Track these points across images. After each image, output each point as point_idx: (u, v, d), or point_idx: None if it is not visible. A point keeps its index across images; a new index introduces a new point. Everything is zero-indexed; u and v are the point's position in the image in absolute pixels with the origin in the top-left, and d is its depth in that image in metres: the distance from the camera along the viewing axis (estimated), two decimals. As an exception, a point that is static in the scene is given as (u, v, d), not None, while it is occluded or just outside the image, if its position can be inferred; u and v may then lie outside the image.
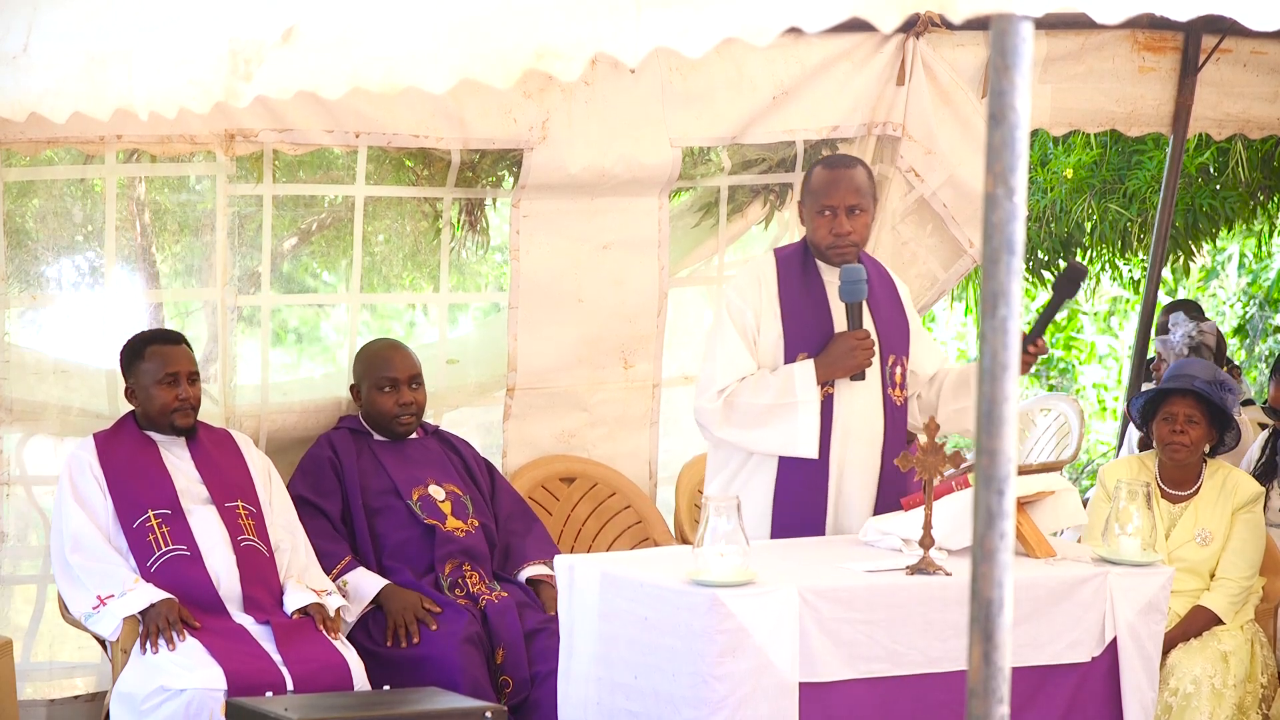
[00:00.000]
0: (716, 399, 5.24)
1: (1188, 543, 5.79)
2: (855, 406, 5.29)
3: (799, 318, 5.28)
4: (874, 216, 5.42)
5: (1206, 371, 5.88)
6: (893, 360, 5.37)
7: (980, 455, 2.58)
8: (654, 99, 6.32)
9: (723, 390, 5.24)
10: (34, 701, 5.83)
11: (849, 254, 5.27)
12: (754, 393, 5.21)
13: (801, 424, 5.20)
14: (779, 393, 5.20)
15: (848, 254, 5.27)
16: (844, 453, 5.28)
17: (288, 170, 6.09)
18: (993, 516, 2.58)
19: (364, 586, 5.61)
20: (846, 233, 5.25)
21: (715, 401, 5.24)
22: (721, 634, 4.42)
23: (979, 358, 2.58)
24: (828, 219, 5.26)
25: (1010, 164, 2.55)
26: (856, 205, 5.25)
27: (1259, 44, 7.21)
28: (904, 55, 6.60)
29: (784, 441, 5.23)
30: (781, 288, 5.32)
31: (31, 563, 5.92)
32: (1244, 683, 5.65)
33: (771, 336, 5.28)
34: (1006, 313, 2.56)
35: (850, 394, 5.27)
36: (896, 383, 5.37)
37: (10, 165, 5.65)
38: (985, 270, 2.57)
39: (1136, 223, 8.88)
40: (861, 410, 5.29)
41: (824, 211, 5.26)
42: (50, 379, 5.83)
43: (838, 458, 5.28)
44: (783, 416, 5.20)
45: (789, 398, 5.19)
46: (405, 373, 5.89)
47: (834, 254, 5.28)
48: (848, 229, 5.25)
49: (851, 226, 5.25)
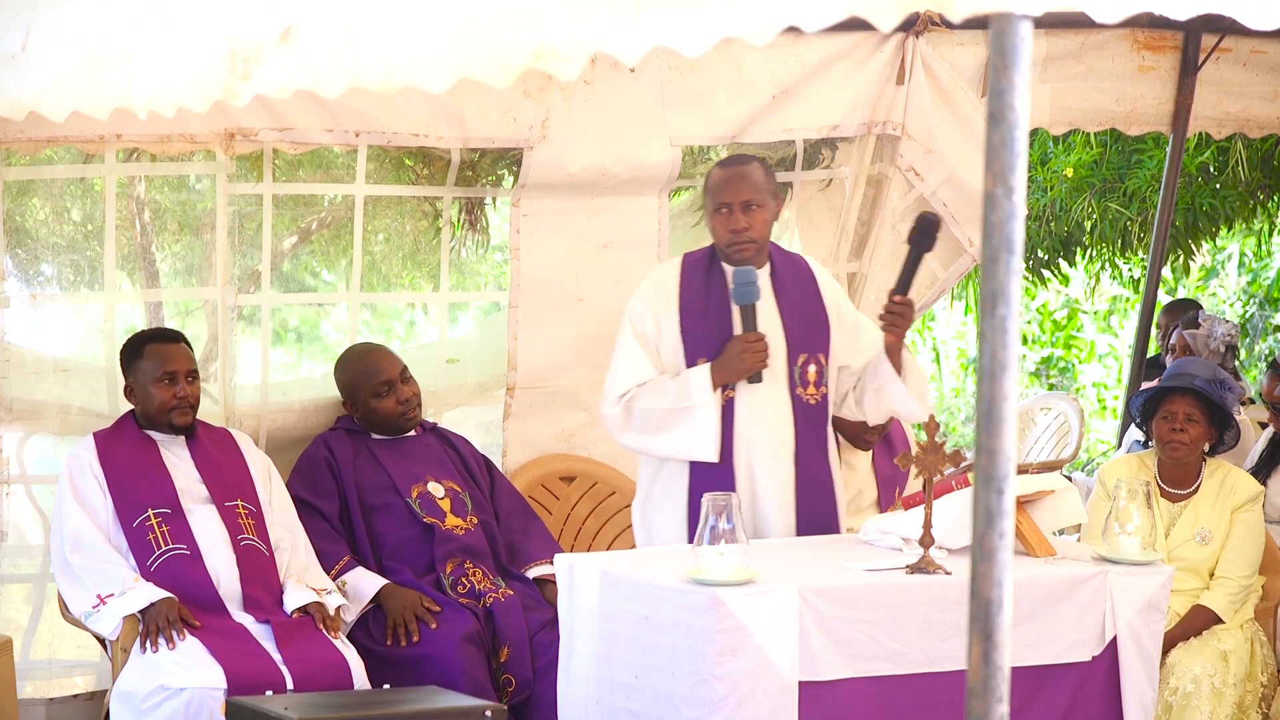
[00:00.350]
0: (616, 404, 5.23)
1: (1187, 542, 5.79)
2: (759, 409, 5.22)
3: (697, 322, 5.24)
4: (776, 214, 5.33)
5: (1206, 370, 5.88)
6: (804, 359, 5.29)
7: (980, 455, 2.58)
8: (654, 98, 6.32)
9: (622, 395, 5.23)
10: (34, 700, 5.83)
11: (748, 251, 5.21)
12: (652, 398, 5.20)
13: (699, 428, 5.16)
14: (676, 397, 5.17)
15: (746, 251, 5.21)
16: (750, 457, 5.21)
17: (288, 169, 6.09)
18: (992, 516, 2.58)
19: (363, 586, 5.61)
20: (743, 228, 5.19)
21: (615, 407, 5.23)
22: (721, 633, 4.42)
23: (979, 357, 2.58)
24: (724, 216, 5.21)
25: (1010, 163, 2.55)
26: (751, 200, 5.20)
27: (1259, 43, 7.21)
28: (903, 54, 6.60)
29: (683, 446, 5.19)
30: (683, 292, 5.29)
31: (31, 562, 5.92)
32: (1244, 682, 5.66)
33: (671, 341, 5.25)
34: (1006, 312, 2.56)
35: (752, 397, 5.21)
36: (810, 381, 5.29)
37: (10, 165, 5.65)
38: (984, 269, 2.57)
39: (1136, 222, 8.88)
40: (766, 413, 5.23)
41: (720, 210, 5.22)
42: (50, 379, 5.83)
43: (744, 462, 5.21)
44: (681, 421, 5.17)
45: (685, 402, 5.16)
46: (394, 370, 5.90)
47: (733, 252, 5.22)
48: (743, 224, 5.19)
49: (748, 222, 5.19)
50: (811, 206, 6.90)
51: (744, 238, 5.21)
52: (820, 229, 6.92)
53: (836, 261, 6.91)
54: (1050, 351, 13.30)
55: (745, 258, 5.22)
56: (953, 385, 13.17)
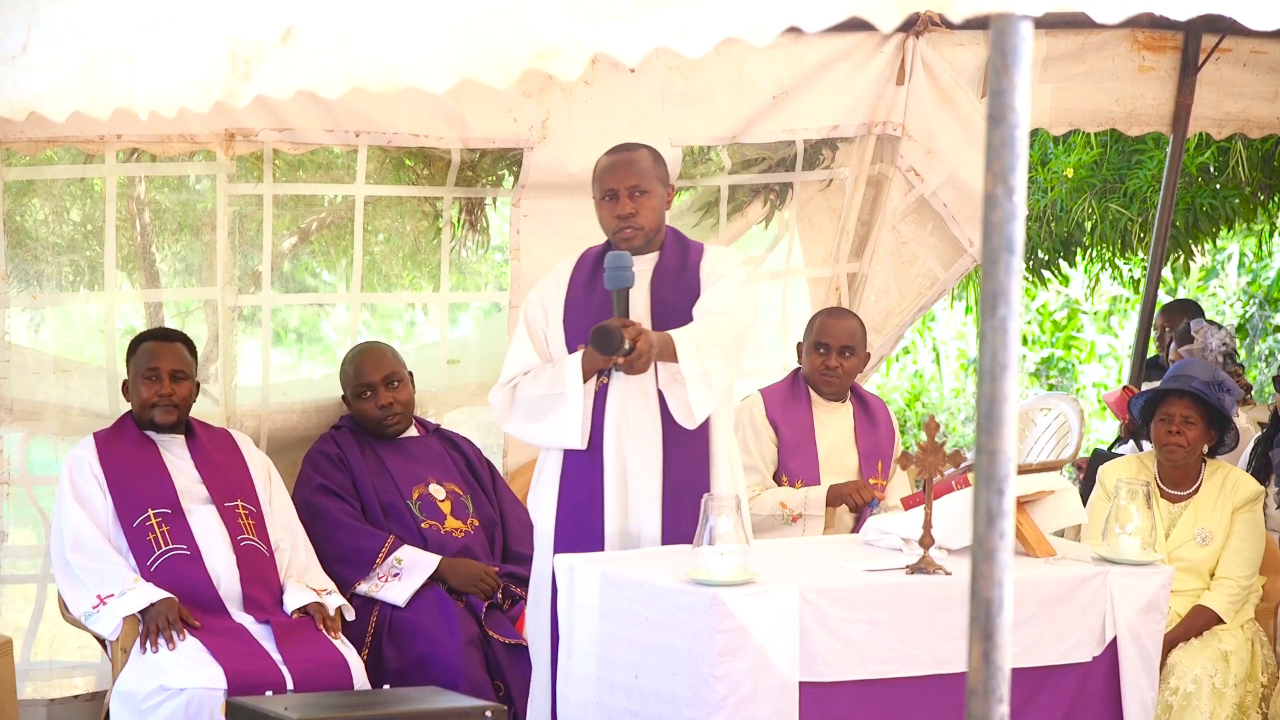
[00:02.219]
0: (500, 391, 5.22)
1: (1187, 542, 5.80)
2: (631, 396, 5.13)
3: (579, 309, 5.19)
4: (666, 202, 5.24)
5: (1205, 372, 5.88)
6: None
7: (980, 455, 2.58)
8: (654, 99, 6.32)
9: (507, 383, 5.22)
10: (34, 701, 5.83)
11: (635, 239, 5.13)
12: (531, 385, 5.18)
13: (568, 414, 5.09)
14: (550, 384, 5.12)
15: (635, 239, 5.13)
16: (620, 443, 5.12)
17: (288, 170, 6.09)
18: (993, 516, 2.58)
19: (420, 561, 5.62)
20: (630, 214, 5.11)
21: (499, 394, 5.22)
22: (721, 634, 4.42)
23: (979, 358, 2.58)
24: (611, 203, 5.14)
25: (1010, 163, 2.55)
26: (638, 186, 5.12)
27: (1259, 43, 7.21)
28: (904, 55, 6.60)
29: (555, 433, 5.13)
30: (572, 281, 5.25)
31: (31, 562, 5.92)
32: (1244, 682, 5.66)
33: (555, 329, 5.22)
34: (1006, 312, 2.56)
35: (624, 384, 5.12)
36: None
37: (10, 165, 5.65)
38: (985, 270, 2.57)
39: (1136, 222, 8.88)
40: (637, 400, 5.13)
41: (606, 196, 5.15)
42: (50, 379, 5.83)
43: (614, 449, 5.12)
44: (553, 408, 5.12)
45: (558, 388, 5.10)
46: (378, 374, 5.88)
47: (620, 240, 5.15)
48: (630, 209, 5.11)
49: (634, 208, 5.11)
50: (811, 207, 6.90)
51: (631, 224, 5.12)
52: (820, 229, 6.92)
53: (837, 262, 6.91)
54: (1050, 352, 13.30)
55: (633, 246, 5.13)
56: (953, 385, 13.17)
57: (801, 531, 5.68)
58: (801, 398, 5.90)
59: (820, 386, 5.88)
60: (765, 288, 7.00)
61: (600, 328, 4.84)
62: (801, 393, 5.91)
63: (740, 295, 5.16)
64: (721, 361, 5.02)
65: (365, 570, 5.65)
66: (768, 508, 5.70)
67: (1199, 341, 7.48)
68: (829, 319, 5.94)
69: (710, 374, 5.00)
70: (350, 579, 5.65)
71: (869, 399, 6.05)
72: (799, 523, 5.67)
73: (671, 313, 5.15)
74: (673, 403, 5.04)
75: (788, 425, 5.85)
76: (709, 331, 5.02)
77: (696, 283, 5.21)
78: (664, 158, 5.27)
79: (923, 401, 12.89)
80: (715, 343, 5.00)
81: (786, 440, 5.83)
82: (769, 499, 5.71)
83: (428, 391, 6.23)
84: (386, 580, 5.64)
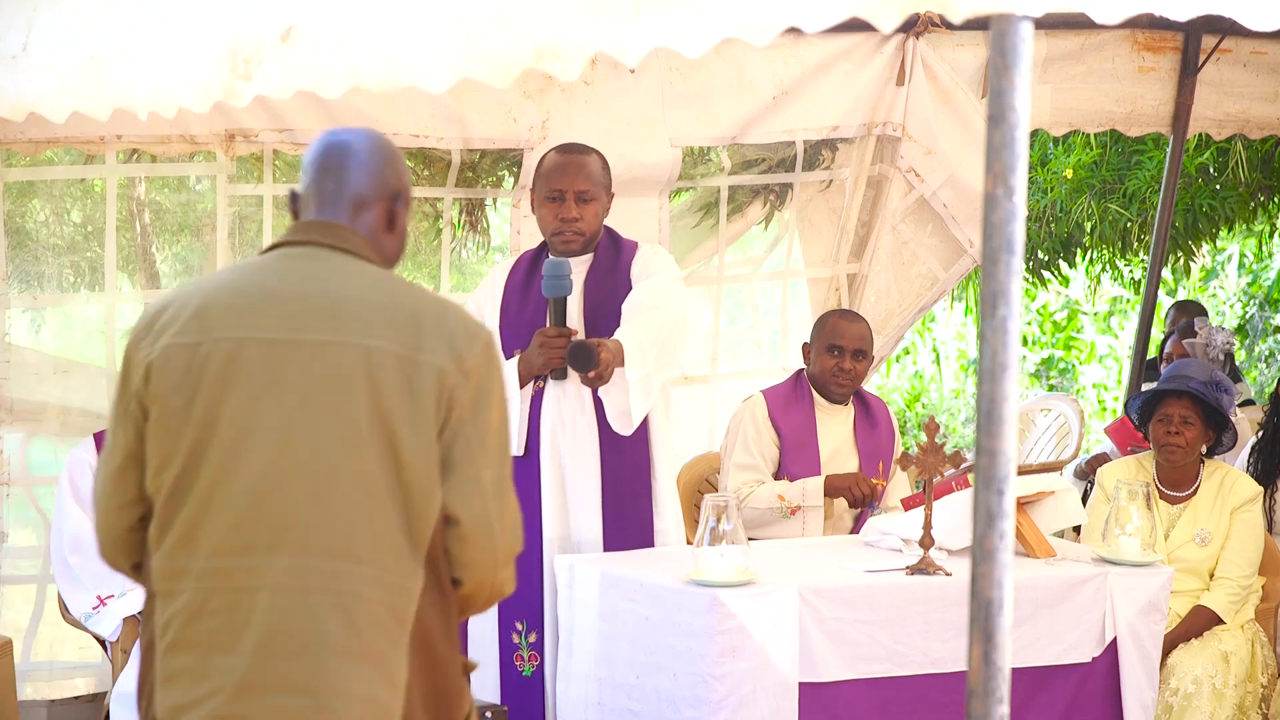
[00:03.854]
0: None
1: (1187, 543, 5.79)
2: (566, 400, 5.10)
3: (514, 314, 5.16)
4: (606, 210, 5.20)
5: (1203, 372, 5.87)
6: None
7: (980, 455, 2.58)
8: (654, 99, 6.32)
9: None
10: (34, 702, 5.83)
11: (574, 243, 5.09)
12: None
13: None
14: None
15: (573, 243, 5.09)
16: (556, 448, 5.10)
17: (288, 170, 6.09)
18: (993, 516, 2.58)
19: None
20: (573, 219, 5.06)
21: None
22: (721, 634, 4.42)
23: (979, 358, 2.58)
24: (555, 205, 5.08)
25: (1010, 164, 2.56)
26: (586, 192, 5.07)
27: (1259, 44, 7.21)
28: (904, 55, 6.60)
29: None
30: (507, 286, 5.21)
31: (31, 563, 5.92)
32: (1244, 683, 5.65)
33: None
34: (1006, 313, 2.56)
35: (559, 389, 5.09)
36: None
37: (10, 165, 5.66)
38: (985, 270, 2.57)
39: (1136, 223, 8.89)
40: (573, 404, 5.10)
41: (552, 196, 5.09)
42: (50, 379, 5.83)
43: (551, 454, 5.09)
44: None
45: None
46: None
47: (559, 242, 5.09)
48: (574, 214, 5.06)
49: (579, 213, 5.07)
50: (812, 207, 6.90)
51: (573, 229, 5.08)
52: (820, 230, 6.92)
53: (837, 262, 6.91)
54: (1050, 352, 13.31)
55: (570, 250, 5.09)
56: (953, 386, 13.17)
57: (801, 524, 5.67)
58: (805, 399, 5.90)
59: (830, 389, 5.86)
60: (765, 288, 7.00)
61: (580, 346, 4.78)
62: (805, 394, 5.90)
63: (671, 290, 5.12)
64: (659, 362, 4.98)
65: None
66: (765, 501, 5.69)
67: (1203, 337, 7.47)
68: (842, 321, 5.90)
69: (649, 377, 4.96)
70: None
71: (870, 400, 6.05)
72: (798, 515, 5.66)
73: (603, 312, 5.10)
74: (610, 409, 4.98)
75: (790, 427, 5.84)
76: (646, 331, 4.95)
77: (628, 281, 5.17)
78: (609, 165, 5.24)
79: (923, 402, 12.89)
80: (653, 342, 4.95)
81: (789, 441, 5.83)
82: (766, 492, 5.70)
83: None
84: None
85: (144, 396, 2.99)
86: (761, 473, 5.79)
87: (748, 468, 5.77)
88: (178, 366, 2.97)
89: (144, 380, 2.99)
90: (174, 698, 2.96)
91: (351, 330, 2.99)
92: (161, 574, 2.98)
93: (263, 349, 2.98)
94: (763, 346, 6.99)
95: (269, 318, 2.99)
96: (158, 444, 2.98)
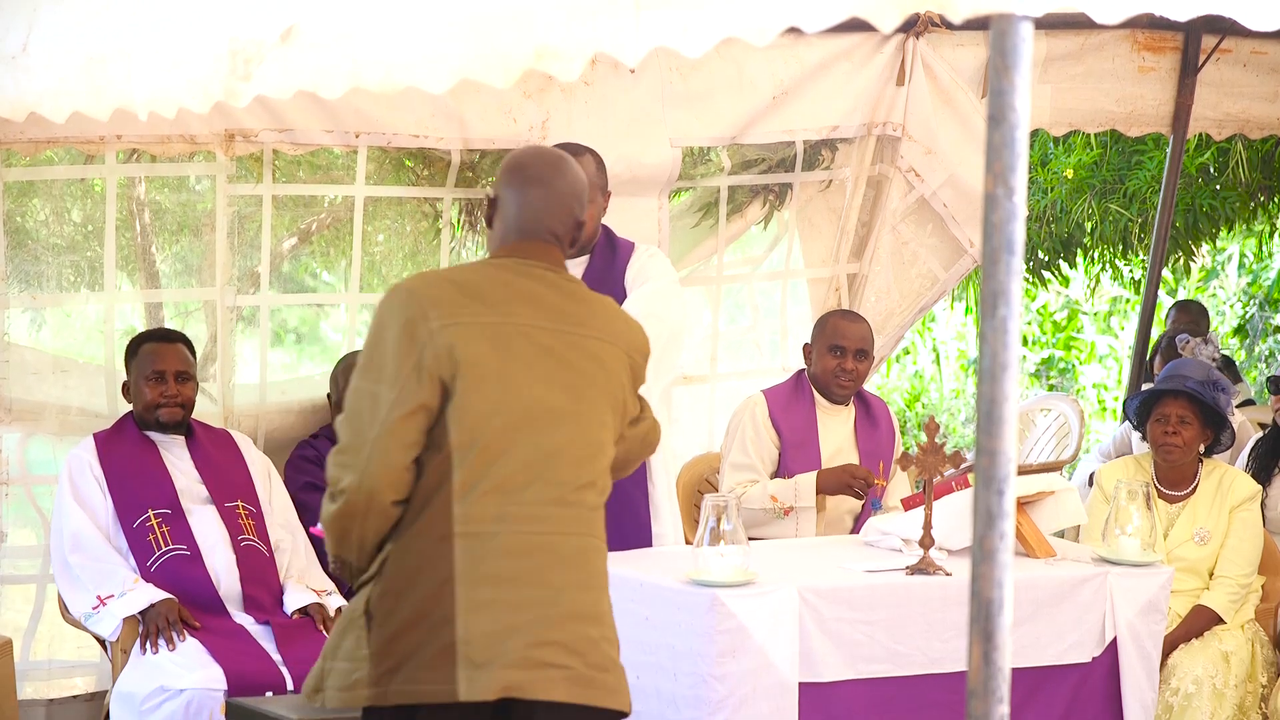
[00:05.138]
0: None
1: (1186, 542, 5.80)
2: None
3: None
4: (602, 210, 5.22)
5: (1200, 372, 5.88)
6: None
7: (980, 455, 2.58)
8: (654, 99, 6.32)
9: None
10: (34, 701, 5.83)
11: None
12: None
13: None
14: None
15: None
16: None
17: (287, 170, 6.08)
18: (993, 517, 2.58)
19: None
20: None
21: None
22: (721, 634, 4.42)
23: (979, 358, 2.58)
24: None
25: (1010, 164, 2.55)
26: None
27: (1259, 44, 7.21)
28: (904, 55, 6.60)
29: None
30: None
31: (31, 563, 5.92)
32: (1244, 682, 5.66)
33: None
34: (1006, 313, 2.56)
35: None
36: None
37: (10, 165, 5.65)
38: (985, 270, 2.57)
39: (1136, 223, 8.89)
40: None
41: None
42: (50, 379, 5.83)
43: None
44: None
45: None
46: None
47: None
48: None
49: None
50: (811, 208, 6.90)
51: None
52: (820, 230, 6.92)
53: (837, 262, 6.91)
54: (1050, 353, 13.31)
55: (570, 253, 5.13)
56: (953, 386, 13.17)
57: (794, 525, 5.67)
58: (805, 399, 5.90)
59: (832, 389, 5.86)
60: (765, 288, 7.00)
61: None
62: (805, 394, 5.90)
63: (669, 297, 5.15)
64: (656, 372, 4.98)
65: None
66: (758, 501, 5.69)
67: (1187, 354, 7.46)
68: (843, 321, 5.91)
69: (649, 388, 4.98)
70: None
71: (870, 400, 6.05)
72: (791, 515, 5.66)
73: None
74: None
75: (790, 427, 5.84)
76: None
77: (622, 283, 5.20)
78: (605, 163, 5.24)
79: (923, 402, 12.90)
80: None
81: (789, 442, 5.83)
82: (759, 492, 5.71)
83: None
84: None
85: (448, 360, 3.45)
86: (757, 472, 5.79)
87: (743, 467, 5.78)
88: (485, 339, 3.48)
89: (448, 347, 3.45)
90: (485, 624, 3.42)
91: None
92: (469, 518, 3.44)
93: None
94: (762, 346, 6.99)
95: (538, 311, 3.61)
96: (469, 405, 3.45)
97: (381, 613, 3.48)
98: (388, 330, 3.49)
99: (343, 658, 3.52)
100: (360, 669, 3.48)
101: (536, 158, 3.73)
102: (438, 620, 3.43)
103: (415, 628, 3.45)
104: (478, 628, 3.43)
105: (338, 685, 3.52)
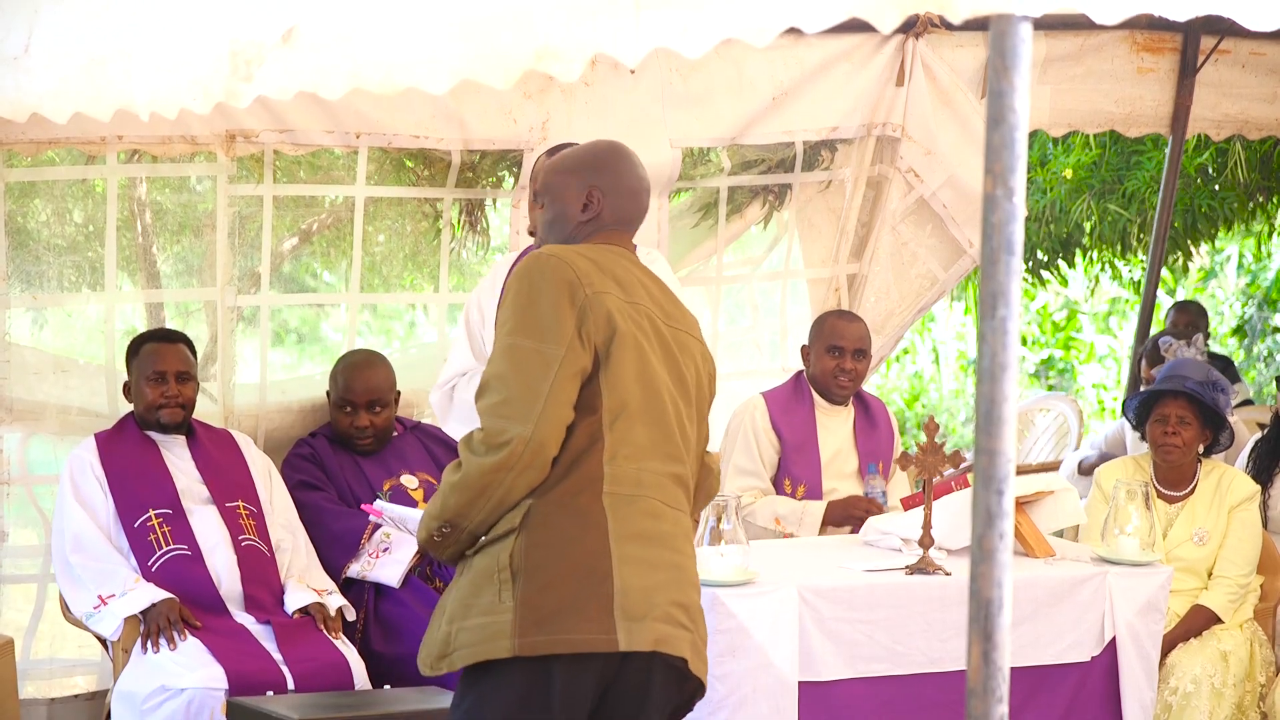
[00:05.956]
0: (437, 393, 5.27)
1: (1184, 542, 5.80)
2: None
3: None
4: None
5: (1199, 372, 5.88)
6: None
7: (980, 455, 2.58)
8: (654, 99, 6.32)
9: (444, 385, 5.24)
10: (35, 700, 5.83)
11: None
12: (467, 388, 5.21)
13: None
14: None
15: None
16: None
17: (288, 171, 6.09)
18: (992, 516, 2.58)
19: (408, 538, 5.61)
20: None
21: (437, 395, 5.27)
22: (721, 634, 4.42)
23: (978, 358, 2.59)
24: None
25: (1009, 164, 2.56)
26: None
27: (1257, 45, 7.22)
28: (903, 56, 6.61)
29: None
30: (507, 281, 5.23)
31: (31, 562, 5.92)
32: (1243, 682, 5.66)
33: (491, 331, 5.20)
34: (1006, 313, 2.57)
35: None
36: None
37: (11, 166, 5.66)
38: (984, 270, 2.58)
39: (1136, 223, 8.89)
40: None
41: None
42: (50, 379, 5.83)
43: None
44: None
45: None
46: (363, 397, 5.78)
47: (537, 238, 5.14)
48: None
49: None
50: (811, 208, 6.90)
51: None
52: (820, 230, 6.92)
53: (836, 263, 6.91)
54: (1050, 353, 13.32)
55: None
56: (952, 386, 13.18)
57: None
58: (805, 401, 5.90)
59: (832, 390, 5.86)
60: (764, 288, 7.00)
61: None
62: (805, 396, 5.91)
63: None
64: None
65: (354, 549, 5.65)
66: (762, 519, 5.70)
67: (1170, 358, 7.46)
68: (840, 322, 5.91)
69: None
70: (342, 561, 5.64)
71: (870, 400, 6.06)
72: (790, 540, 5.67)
73: None
74: None
75: (790, 429, 5.85)
76: None
77: None
78: None
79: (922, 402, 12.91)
80: None
81: (789, 444, 5.84)
82: (764, 511, 5.71)
83: (426, 391, 6.23)
84: (378, 557, 5.62)
85: (607, 327, 3.58)
86: (761, 478, 5.80)
87: (748, 473, 5.78)
88: (624, 315, 3.61)
89: (606, 314, 3.59)
90: (637, 579, 3.54)
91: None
92: (617, 478, 3.58)
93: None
94: (762, 347, 7.00)
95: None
96: (621, 373, 3.59)
97: (531, 565, 3.49)
98: (542, 294, 3.58)
99: (478, 613, 3.50)
100: (501, 621, 3.48)
101: (624, 151, 3.95)
102: (596, 573, 3.51)
103: (570, 579, 3.50)
104: (633, 581, 3.53)
105: (471, 641, 3.50)
